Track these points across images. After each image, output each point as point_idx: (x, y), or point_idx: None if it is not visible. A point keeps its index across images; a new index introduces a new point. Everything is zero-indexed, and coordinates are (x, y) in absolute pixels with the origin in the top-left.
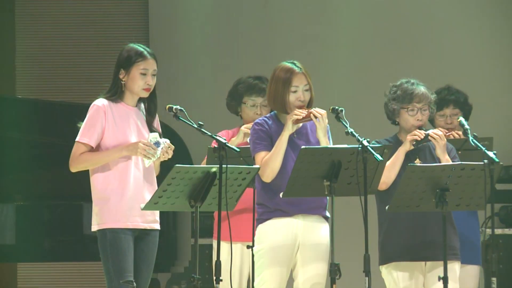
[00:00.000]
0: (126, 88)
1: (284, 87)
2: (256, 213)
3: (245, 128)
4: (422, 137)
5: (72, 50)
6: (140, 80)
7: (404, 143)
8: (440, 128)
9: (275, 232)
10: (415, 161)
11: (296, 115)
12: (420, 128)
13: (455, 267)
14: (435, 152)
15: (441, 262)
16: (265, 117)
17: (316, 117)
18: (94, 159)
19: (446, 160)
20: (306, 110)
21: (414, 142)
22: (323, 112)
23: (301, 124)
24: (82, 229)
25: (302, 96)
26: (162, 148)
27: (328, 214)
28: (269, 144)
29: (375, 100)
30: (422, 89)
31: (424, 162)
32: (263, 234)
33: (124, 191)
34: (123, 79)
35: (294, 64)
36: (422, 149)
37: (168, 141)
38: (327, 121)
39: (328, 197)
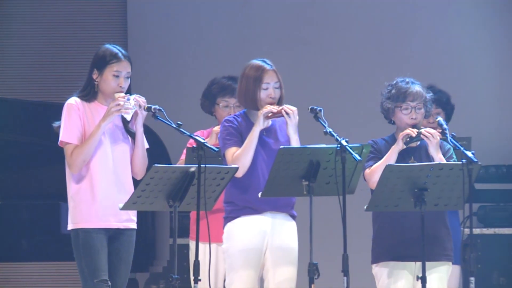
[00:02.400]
0: (98, 89)
1: (255, 84)
2: (224, 211)
3: (217, 128)
4: (414, 135)
5: (50, 49)
6: (113, 82)
7: (397, 142)
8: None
9: (244, 232)
10: (410, 160)
11: (266, 109)
12: (414, 126)
13: (445, 268)
14: (428, 151)
15: (433, 263)
16: (235, 115)
17: (287, 114)
18: (84, 150)
19: (439, 159)
20: (277, 107)
21: (406, 141)
22: (294, 108)
23: (270, 121)
24: (60, 228)
25: (273, 93)
26: (133, 99)
27: (295, 212)
28: (240, 141)
29: (356, 100)
30: (416, 87)
31: (419, 161)
32: (231, 233)
33: (96, 191)
34: (96, 80)
35: (265, 61)
36: (418, 148)
37: (134, 95)
38: (297, 118)
39: (296, 197)
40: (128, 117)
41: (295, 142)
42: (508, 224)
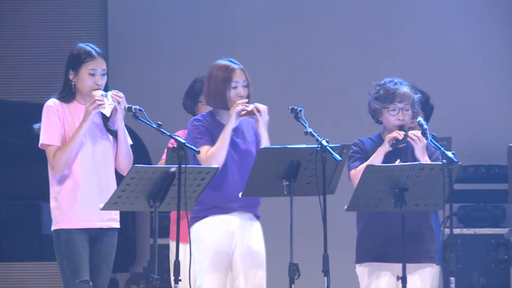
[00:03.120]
0: (76, 88)
1: (225, 84)
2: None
3: None
4: (401, 137)
5: (31, 49)
6: (89, 80)
7: (383, 143)
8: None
9: (213, 233)
10: (396, 162)
11: (238, 106)
12: (401, 128)
13: (427, 270)
14: (415, 153)
15: (416, 264)
16: (202, 115)
17: (259, 111)
18: (66, 151)
19: (425, 161)
20: (249, 105)
21: (393, 143)
22: (265, 107)
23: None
24: (41, 229)
25: (242, 91)
26: (111, 96)
27: (259, 213)
28: (210, 140)
29: (337, 100)
30: (404, 88)
31: (405, 162)
32: (200, 234)
33: (78, 191)
34: (73, 80)
35: (232, 61)
36: (404, 150)
37: (111, 91)
38: (268, 116)
39: (261, 198)
40: (107, 113)
41: (265, 140)
42: (488, 224)
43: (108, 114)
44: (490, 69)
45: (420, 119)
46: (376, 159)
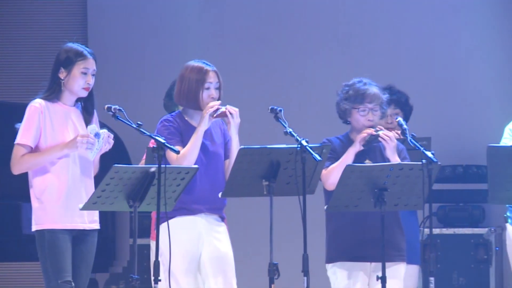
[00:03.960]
0: (65, 88)
1: (198, 85)
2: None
3: None
4: (374, 134)
5: (10, 49)
6: (81, 79)
7: (354, 143)
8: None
9: (180, 234)
10: (365, 161)
11: (212, 108)
12: (371, 128)
13: (400, 268)
14: (385, 153)
15: (388, 263)
16: (171, 115)
17: (231, 114)
18: (36, 160)
19: (395, 161)
20: (221, 107)
21: (364, 143)
22: (237, 109)
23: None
24: (21, 229)
25: (214, 93)
26: (102, 138)
27: (224, 214)
28: (180, 140)
29: (316, 100)
30: (374, 89)
31: (374, 162)
32: (166, 233)
33: (62, 191)
34: (63, 78)
35: (205, 62)
36: (373, 150)
37: (106, 131)
38: (239, 119)
39: (225, 198)
40: (90, 157)
41: (235, 143)
42: (467, 224)
43: (91, 159)
44: (469, 69)
45: (400, 119)
46: (347, 158)
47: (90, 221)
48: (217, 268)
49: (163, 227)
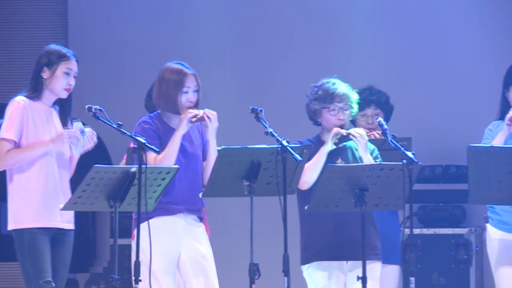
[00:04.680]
0: (46, 87)
1: (177, 88)
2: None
3: None
4: (345, 133)
5: None
6: (63, 80)
7: (326, 142)
8: (361, 128)
9: (158, 233)
10: (337, 161)
11: (190, 114)
12: (341, 127)
13: (376, 267)
14: (357, 151)
15: (361, 261)
16: (150, 116)
17: (209, 118)
18: (22, 155)
19: (368, 159)
20: (198, 111)
21: (336, 141)
22: (215, 113)
23: None
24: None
25: (192, 97)
26: (87, 136)
27: (203, 215)
28: (159, 143)
29: (298, 100)
30: (343, 88)
31: (346, 162)
32: (146, 233)
33: (42, 190)
34: (46, 78)
35: (184, 65)
36: (344, 149)
37: (91, 129)
38: (217, 122)
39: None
40: (75, 153)
41: (213, 147)
42: (448, 224)
43: (76, 155)
44: (450, 70)
45: (380, 119)
46: (320, 158)
47: (67, 220)
48: (198, 268)
49: (143, 226)
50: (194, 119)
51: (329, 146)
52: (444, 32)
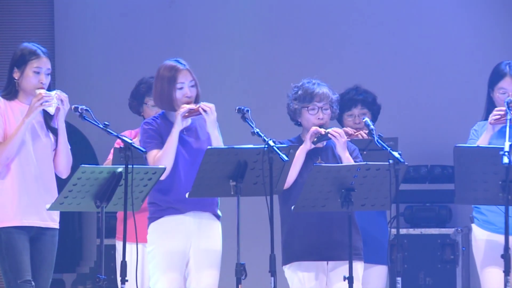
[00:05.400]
0: (19, 87)
1: (170, 84)
2: (148, 212)
3: None
4: (323, 132)
5: None
6: (34, 79)
7: (305, 142)
8: (348, 128)
9: (168, 233)
10: (317, 161)
11: (183, 108)
12: (321, 127)
13: (357, 267)
14: (336, 150)
15: (343, 262)
16: (154, 116)
17: (205, 111)
18: (8, 146)
19: (346, 158)
20: (194, 105)
21: (314, 140)
22: (211, 105)
23: (190, 121)
24: None
25: (189, 92)
26: (55, 94)
27: (219, 212)
28: (160, 142)
29: (284, 100)
30: (323, 88)
31: (326, 161)
32: (155, 234)
33: (18, 189)
34: (17, 78)
35: (178, 61)
36: (324, 149)
37: (56, 90)
38: (215, 114)
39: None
40: (51, 111)
41: (215, 139)
42: (434, 224)
43: (52, 112)
44: (436, 70)
45: (367, 119)
46: (299, 158)
47: (49, 219)
48: (200, 264)
49: (152, 226)
50: (187, 114)
51: (307, 146)
52: (430, 33)
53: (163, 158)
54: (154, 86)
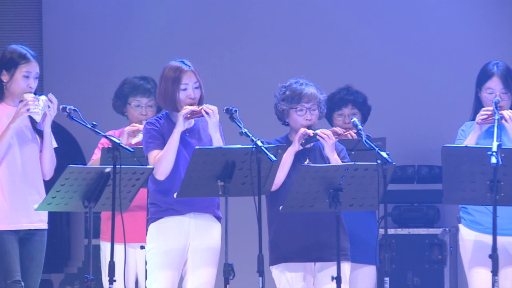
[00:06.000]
0: (7, 90)
1: (174, 85)
2: (148, 212)
3: (129, 128)
4: (311, 133)
5: None
6: (23, 83)
7: (293, 143)
8: (338, 128)
9: (167, 233)
10: (305, 162)
11: (185, 110)
12: (309, 127)
13: (344, 268)
14: (324, 152)
15: (331, 263)
16: (157, 116)
17: (207, 113)
18: None
19: (334, 159)
20: (197, 107)
21: (302, 142)
22: (214, 108)
23: (193, 122)
24: None
25: (192, 93)
26: (43, 101)
27: (220, 213)
28: (162, 143)
29: (271, 101)
30: (311, 89)
31: (314, 162)
32: (154, 233)
33: (5, 192)
34: (6, 81)
35: (183, 62)
36: (312, 149)
37: (44, 95)
38: (218, 116)
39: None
40: (38, 118)
41: (216, 141)
42: (422, 224)
43: (38, 120)
44: (424, 70)
45: (355, 119)
46: (287, 159)
47: (37, 220)
48: (197, 262)
49: (152, 227)
50: (189, 115)
51: (295, 147)
52: (418, 34)
53: (163, 158)
54: (158, 86)
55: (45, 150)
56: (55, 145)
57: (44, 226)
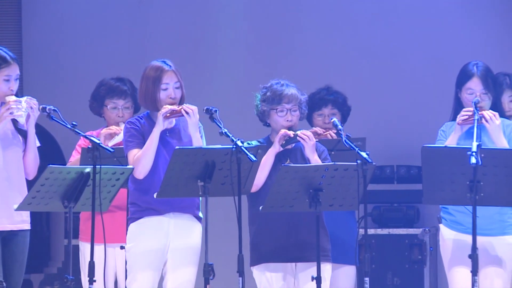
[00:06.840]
0: None
1: (154, 85)
2: (128, 212)
3: (105, 131)
4: (292, 134)
5: None
6: (4, 86)
7: (273, 144)
8: (318, 128)
9: (147, 233)
10: (286, 162)
11: (165, 109)
12: (290, 128)
13: (325, 268)
14: (304, 152)
15: (312, 263)
16: (138, 116)
17: (187, 113)
18: None
19: (315, 160)
20: (177, 106)
21: (283, 143)
22: (194, 107)
23: (174, 122)
24: None
25: (173, 93)
26: (25, 102)
27: (201, 214)
28: (141, 142)
29: (251, 100)
30: (291, 90)
31: (294, 163)
32: (134, 234)
33: None
34: None
35: (164, 62)
36: (293, 150)
37: (26, 97)
38: (198, 116)
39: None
40: (22, 121)
41: (196, 141)
42: (402, 224)
43: (22, 122)
44: (404, 70)
45: (335, 119)
46: (268, 160)
47: (19, 221)
48: (177, 261)
49: (131, 227)
50: (168, 114)
51: (276, 148)
52: (397, 35)
53: (142, 157)
54: (139, 85)
55: (29, 150)
56: (38, 144)
57: (27, 226)
